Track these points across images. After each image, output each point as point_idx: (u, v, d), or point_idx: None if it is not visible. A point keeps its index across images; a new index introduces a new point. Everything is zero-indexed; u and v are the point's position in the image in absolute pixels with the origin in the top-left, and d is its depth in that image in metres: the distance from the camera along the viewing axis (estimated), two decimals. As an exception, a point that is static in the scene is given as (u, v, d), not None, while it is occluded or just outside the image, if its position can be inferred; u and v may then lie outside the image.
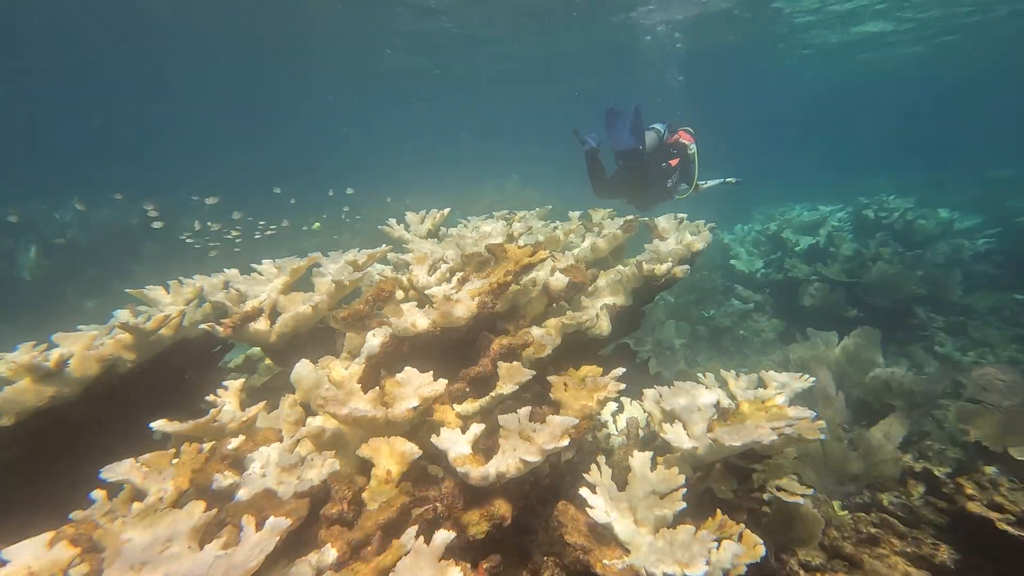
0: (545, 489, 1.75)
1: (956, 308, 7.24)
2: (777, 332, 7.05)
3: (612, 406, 2.29)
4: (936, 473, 3.02)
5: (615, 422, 2.25)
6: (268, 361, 2.54)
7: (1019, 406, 2.78)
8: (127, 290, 1.89)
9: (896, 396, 3.79)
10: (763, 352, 6.78)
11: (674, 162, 4.90)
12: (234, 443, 1.21)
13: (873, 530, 2.37)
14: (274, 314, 1.89)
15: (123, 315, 1.72)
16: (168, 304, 1.82)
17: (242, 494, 1.09)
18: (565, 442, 1.40)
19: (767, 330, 7.11)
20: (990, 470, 2.77)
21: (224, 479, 1.11)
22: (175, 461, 1.16)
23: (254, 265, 2.06)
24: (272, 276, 2.02)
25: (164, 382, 1.80)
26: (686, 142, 5.05)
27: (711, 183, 5.24)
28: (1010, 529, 1.95)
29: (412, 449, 1.25)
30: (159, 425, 1.22)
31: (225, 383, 1.50)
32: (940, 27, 15.66)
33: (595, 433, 2.15)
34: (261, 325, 1.78)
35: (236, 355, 2.67)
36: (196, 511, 0.94)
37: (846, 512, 2.97)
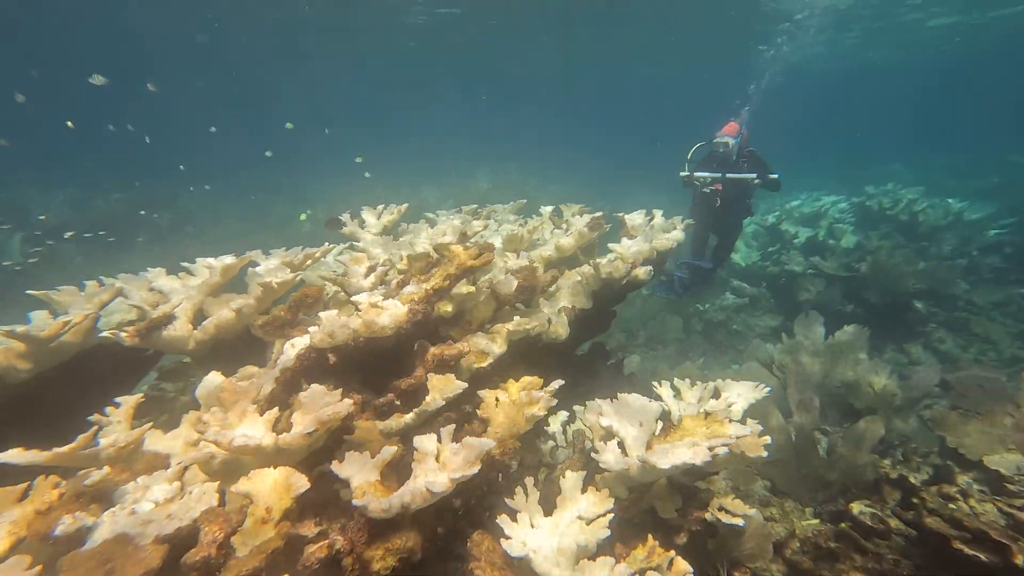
0: (475, 510, 1.67)
1: (959, 303, 7.03)
2: (772, 327, 6.91)
3: (562, 415, 2.21)
4: (912, 480, 2.92)
5: (565, 433, 2.17)
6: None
7: (995, 412, 2.65)
8: (28, 292, 1.81)
9: (879, 398, 3.66)
10: (757, 347, 6.65)
11: None
12: (95, 476, 1.12)
13: (833, 544, 2.28)
14: (200, 318, 1.82)
15: (37, 317, 1.65)
16: (79, 307, 1.74)
17: (91, 541, 1.00)
18: (475, 470, 1.31)
19: (762, 325, 6.96)
20: (963, 479, 2.67)
21: (71, 523, 1.01)
22: (27, 498, 1.07)
23: (185, 264, 1.98)
24: (204, 276, 1.94)
25: (78, 391, 1.73)
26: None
27: (701, 174, 5.27)
28: (964, 548, 1.85)
29: (298, 482, 1.16)
30: (8, 456, 1.11)
31: (118, 399, 1.41)
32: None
33: (540, 446, 2.07)
34: (178, 331, 1.70)
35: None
36: (17, 569, 0.86)
37: (817, 520, 2.89)
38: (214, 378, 1.47)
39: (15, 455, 1.08)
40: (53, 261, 7.19)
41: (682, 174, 5.28)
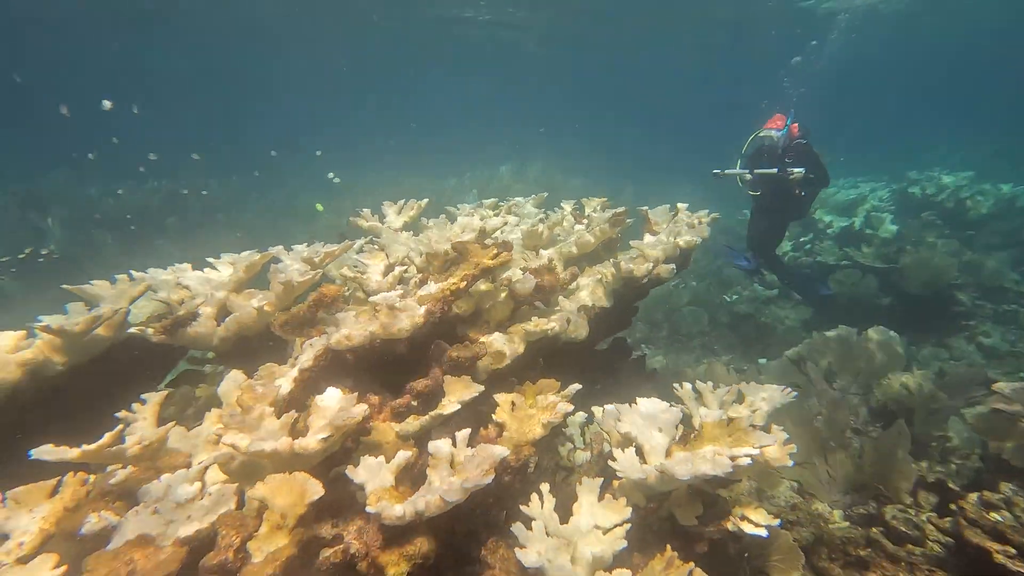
0: (490, 514, 1.67)
1: (1009, 295, 6.66)
2: (801, 320, 6.68)
3: (581, 416, 2.18)
4: (950, 485, 2.79)
5: (583, 434, 2.14)
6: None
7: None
8: (64, 286, 1.87)
9: (914, 396, 3.51)
10: (785, 341, 6.45)
11: None
12: (119, 475, 1.15)
13: (863, 552, 2.20)
14: (224, 314, 1.85)
15: (75, 309, 1.71)
16: (111, 302, 1.79)
17: (115, 540, 1.02)
18: (489, 479, 1.30)
19: (791, 318, 6.74)
20: (1007, 488, 2.53)
21: (96, 521, 1.05)
22: (57, 495, 1.11)
23: (210, 259, 2.01)
24: (228, 272, 1.97)
25: (108, 383, 1.78)
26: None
27: (730, 171, 5.25)
28: (1008, 564, 1.75)
29: (313, 488, 1.17)
30: (40, 453, 1.16)
31: (144, 396, 1.45)
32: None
33: (558, 447, 2.05)
34: (203, 328, 1.73)
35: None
36: (43, 568, 0.89)
37: (847, 524, 2.80)
38: (236, 376, 1.50)
39: (46, 451, 1.12)
40: (90, 248, 7.54)
41: (714, 171, 5.24)
